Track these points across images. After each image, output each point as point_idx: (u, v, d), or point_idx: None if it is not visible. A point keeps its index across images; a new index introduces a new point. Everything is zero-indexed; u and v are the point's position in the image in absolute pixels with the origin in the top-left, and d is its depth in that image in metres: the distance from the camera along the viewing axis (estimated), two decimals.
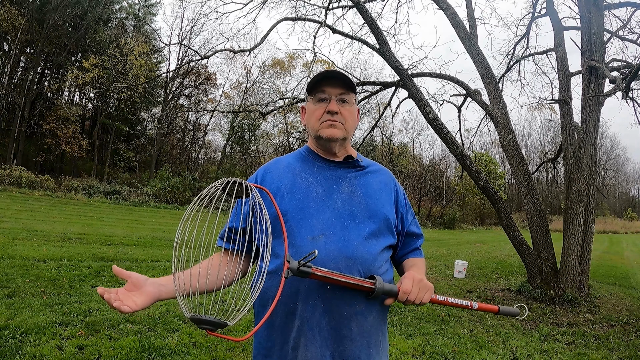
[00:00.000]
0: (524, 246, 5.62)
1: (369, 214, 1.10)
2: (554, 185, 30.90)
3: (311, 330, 0.99)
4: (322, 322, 1.00)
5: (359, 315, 1.02)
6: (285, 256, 0.93)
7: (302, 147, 1.25)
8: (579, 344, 3.87)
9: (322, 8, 7.11)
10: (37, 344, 2.77)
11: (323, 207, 1.07)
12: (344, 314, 1.01)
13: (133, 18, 24.58)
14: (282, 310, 1.01)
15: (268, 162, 1.23)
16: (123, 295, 0.87)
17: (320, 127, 1.11)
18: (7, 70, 19.99)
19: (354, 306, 1.02)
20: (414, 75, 6.45)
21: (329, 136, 1.10)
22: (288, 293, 1.00)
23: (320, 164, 1.15)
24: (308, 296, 0.99)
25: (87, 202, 16.33)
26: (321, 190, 1.09)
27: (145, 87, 19.64)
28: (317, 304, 0.99)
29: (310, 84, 1.13)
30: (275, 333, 1.03)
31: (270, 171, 1.15)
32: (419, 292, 1.02)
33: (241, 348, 3.10)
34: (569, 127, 6.10)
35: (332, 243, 1.02)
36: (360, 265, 1.03)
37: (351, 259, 1.02)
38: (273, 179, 1.13)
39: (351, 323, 1.01)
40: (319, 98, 1.12)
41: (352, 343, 1.02)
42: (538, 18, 7.60)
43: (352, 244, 1.04)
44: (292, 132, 26.23)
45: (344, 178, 1.13)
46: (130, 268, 5.42)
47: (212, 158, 29.86)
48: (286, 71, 26.49)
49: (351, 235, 1.05)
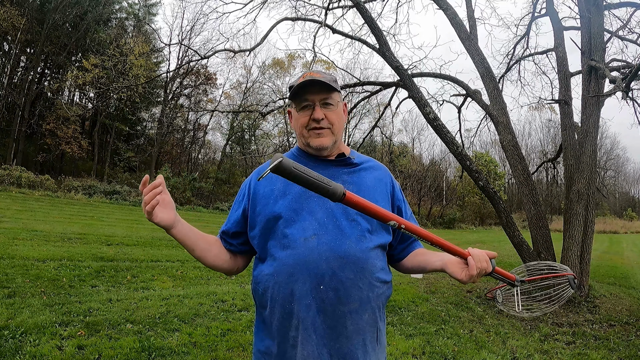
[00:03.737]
0: (524, 246, 5.61)
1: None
2: (554, 185, 30.90)
3: (306, 329, 1.01)
4: (317, 321, 1.02)
5: (354, 313, 1.04)
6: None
7: (293, 147, 1.26)
8: (579, 344, 3.87)
9: (322, 8, 7.11)
10: (37, 344, 2.77)
11: (316, 207, 1.08)
12: (338, 313, 1.02)
13: (133, 18, 24.58)
14: (280, 311, 1.04)
15: (261, 165, 1.23)
16: (157, 203, 1.00)
17: (309, 136, 1.12)
18: (7, 70, 19.99)
19: (348, 305, 1.03)
20: (414, 75, 6.45)
21: (318, 146, 1.12)
22: (284, 295, 1.03)
23: (312, 164, 1.15)
24: (302, 297, 1.02)
25: (87, 202, 16.33)
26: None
27: (145, 87, 19.64)
28: (311, 304, 1.01)
29: (291, 93, 1.12)
30: (274, 332, 1.06)
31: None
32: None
33: (241, 348, 3.10)
34: (569, 127, 6.09)
35: (324, 244, 1.03)
36: (353, 264, 1.03)
37: (343, 258, 1.03)
38: (267, 180, 1.14)
39: (346, 321, 1.03)
40: (302, 106, 1.12)
41: (348, 340, 1.03)
42: (538, 18, 7.60)
43: (344, 243, 1.04)
44: (292, 132, 26.23)
45: (336, 176, 1.13)
46: (130, 268, 5.42)
47: (212, 158, 29.86)
48: (286, 71, 26.51)
49: (344, 234, 1.05)
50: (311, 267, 1.01)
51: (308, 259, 1.02)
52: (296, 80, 1.14)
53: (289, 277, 1.03)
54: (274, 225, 1.08)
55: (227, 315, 3.89)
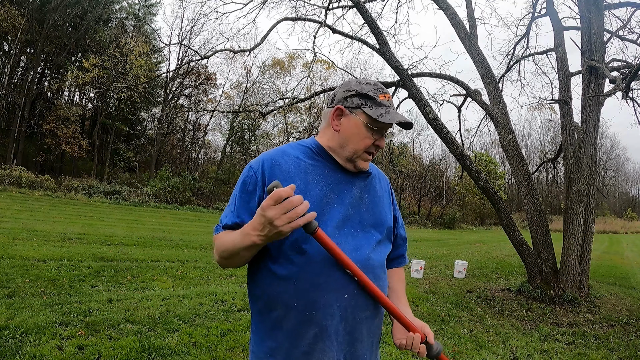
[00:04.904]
0: (524, 246, 5.62)
1: (375, 223, 1.11)
2: (554, 185, 30.91)
3: (329, 337, 1.01)
4: (339, 328, 1.03)
5: (369, 319, 1.08)
6: None
7: (309, 139, 1.15)
8: (579, 344, 3.87)
9: (322, 8, 7.10)
10: (37, 344, 2.77)
11: (335, 214, 1.05)
12: (357, 319, 1.05)
13: (133, 18, 24.57)
14: (296, 317, 1.00)
15: (270, 151, 1.11)
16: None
17: (361, 156, 1.08)
18: (7, 70, 19.99)
19: (366, 311, 1.06)
20: (414, 75, 6.45)
21: (362, 169, 1.10)
22: (305, 302, 0.99)
23: (331, 166, 1.10)
24: (326, 306, 1.00)
25: (87, 202, 16.33)
26: (333, 196, 1.06)
27: (145, 87, 19.66)
28: (335, 313, 1.01)
29: (378, 115, 1.04)
30: (282, 335, 1.02)
31: (279, 164, 1.05)
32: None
33: (241, 348, 3.10)
34: (569, 127, 6.10)
35: (346, 252, 1.02)
36: (371, 272, 1.06)
37: (364, 266, 1.04)
38: (283, 174, 1.04)
39: (362, 327, 1.06)
40: (375, 129, 1.05)
41: (361, 344, 1.07)
42: (538, 18, 7.60)
43: (363, 252, 1.06)
44: (292, 132, 26.25)
45: (353, 183, 1.11)
46: (131, 268, 5.42)
47: (212, 158, 29.86)
48: (286, 71, 26.52)
49: (361, 244, 1.06)
50: (337, 276, 1.00)
51: (333, 266, 1.00)
52: (377, 94, 1.06)
53: (312, 285, 0.99)
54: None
55: (227, 315, 3.89)
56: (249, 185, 1.04)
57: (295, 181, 1.02)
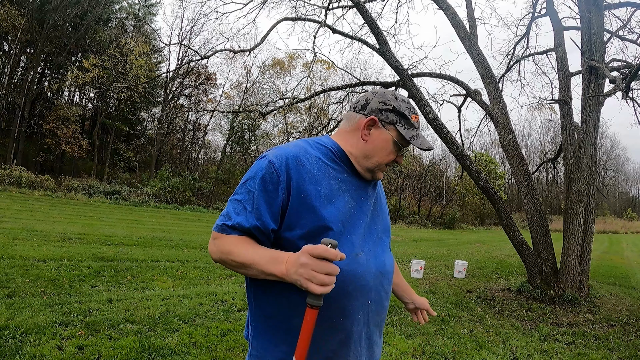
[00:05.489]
0: (524, 246, 5.62)
1: (384, 229, 1.16)
2: (554, 185, 30.90)
3: (354, 343, 1.03)
4: (362, 333, 1.05)
5: (382, 322, 1.14)
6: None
7: (326, 138, 1.12)
8: (579, 344, 3.87)
9: (322, 8, 7.10)
10: (37, 344, 2.77)
11: (358, 221, 1.05)
12: (376, 323, 1.10)
13: (133, 18, 24.56)
14: (321, 323, 0.94)
15: (290, 146, 1.03)
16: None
17: (379, 169, 1.10)
18: (7, 70, 19.98)
19: (382, 314, 1.11)
20: (414, 75, 6.45)
21: (379, 179, 1.15)
22: (333, 310, 0.97)
23: (349, 171, 1.09)
24: (353, 312, 1.01)
25: (87, 202, 16.33)
26: (353, 202, 1.05)
27: (145, 87, 19.64)
28: (361, 319, 1.03)
29: (410, 137, 1.06)
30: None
31: (303, 164, 0.99)
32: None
33: (241, 348, 3.10)
34: (569, 127, 6.10)
35: (371, 259, 1.05)
36: (388, 278, 1.12)
37: (383, 274, 1.09)
38: (308, 176, 0.98)
39: (378, 330, 1.12)
40: (399, 147, 1.08)
41: (377, 346, 1.13)
42: (538, 18, 7.60)
43: (381, 259, 1.10)
44: (292, 132, 26.24)
45: (367, 190, 1.12)
46: (131, 268, 5.42)
47: (212, 158, 29.85)
48: (286, 71, 26.51)
49: (379, 251, 1.10)
50: (363, 283, 1.02)
51: (360, 275, 1.01)
52: (410, 113, 1.08)
53: (341, 293, 0.96)
54: (322, 233, 0.95)
55: (227, 315, 3.89)
56: (269, 184, 0.94)
57: (321, 183, 0.99)
